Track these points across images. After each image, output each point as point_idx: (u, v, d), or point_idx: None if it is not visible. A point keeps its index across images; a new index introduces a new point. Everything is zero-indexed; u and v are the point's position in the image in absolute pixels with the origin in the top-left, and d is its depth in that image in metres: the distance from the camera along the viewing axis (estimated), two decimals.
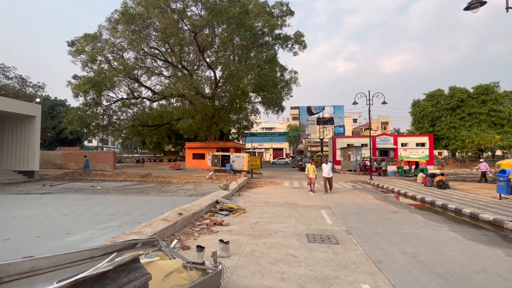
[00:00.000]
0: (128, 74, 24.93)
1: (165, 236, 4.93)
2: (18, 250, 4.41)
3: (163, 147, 46.93)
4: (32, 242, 4.89)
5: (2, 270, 1.96)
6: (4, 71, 34.25)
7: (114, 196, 10.82)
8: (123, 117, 29.71)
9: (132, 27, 21.69)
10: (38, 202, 9.34)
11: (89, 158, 26.56)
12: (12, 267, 2.05)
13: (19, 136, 18.44)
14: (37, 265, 2.20)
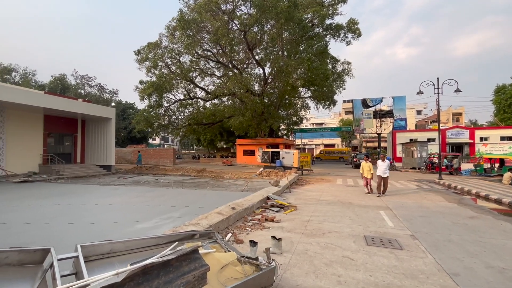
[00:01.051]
0: (185, 77, 26.90)
1: (219, 229, 5.15)
2: (100, 233, 5.15)
3: (216, 144, 49.52)
4: (110, 227, 5.66)
5: (89, 250, 2.28)
6: (87, 81, 40.60)
7: (175, 189, 11.83)
8: (181, 116, 32.23)
9: (187, 32, 23.24)
10: (114, 192, 10.80)
11: (154, 154, 29.63)
12: (96, 248, 2.36)
13: (99, 136, 21.63)
14: (115, 248, 2.51)
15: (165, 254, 2.19)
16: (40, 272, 1.99)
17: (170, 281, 1.79)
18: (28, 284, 1.90)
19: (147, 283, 1.66)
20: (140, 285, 1.62)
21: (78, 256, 2.12)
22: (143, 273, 1.65)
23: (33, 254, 2.01)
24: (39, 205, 7.88)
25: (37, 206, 7.81)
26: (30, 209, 7.40)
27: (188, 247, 2.16)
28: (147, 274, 1.68)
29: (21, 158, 17.33)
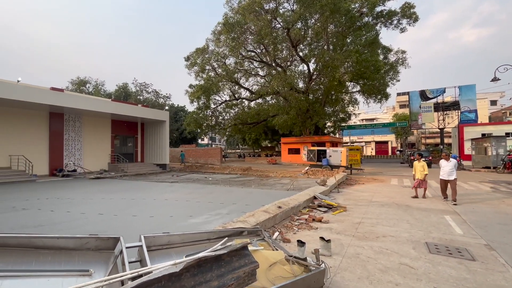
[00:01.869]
0: (230, 78, 27.85)
1: (266, 227, 5.19)
2: (158, 226, 5.65)
3: (260, 143, 50.19)
4: (166, 220, 6.16)
5: (150, 241, 2.51)
6: (145, 88, 45.02)
7: (222, 186, 12.34)
8: (227, 117, 33.48)
9: (232, 35, 24.00)
10: (169, 189, 11.75)
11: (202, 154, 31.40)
12: (157, 239, 2.59)
13: (155, 137, 23.80)
14: (172, 240, 2.71)
15: (217, 248, 2.29)
16: (112, 257, 2.27)
17: (222, 275, 1.85)
18: (103, 267, 2.18)
19: (201, 275, 1.75)
20: (195, 276, 1.72)
21: (142, 246, 2.36)
22: (198, 265, 1.75)
23: (106, 241, 2.30)
24: (109, 199, 9.02)
25: (107, 199, 8.96)
26: (102, 202, 8.52)
27: (237, 244, 2.22)
28: (201, 266, 1.77)
29: (94, 158, 20.10)
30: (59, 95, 16.52)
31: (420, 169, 8.97)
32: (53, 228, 5.49)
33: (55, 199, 8.95)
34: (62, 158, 18.05)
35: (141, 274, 1.87)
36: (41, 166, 16.82)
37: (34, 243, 1.97)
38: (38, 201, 8.48)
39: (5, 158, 15.41)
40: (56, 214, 6.77)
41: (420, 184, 8.92)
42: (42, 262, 1.98)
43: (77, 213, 6.84)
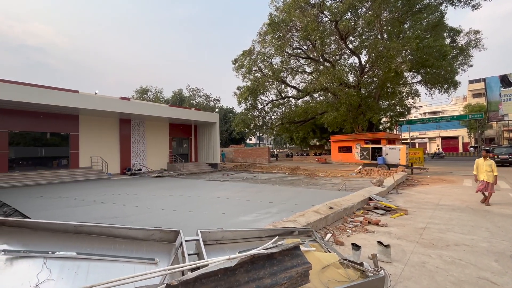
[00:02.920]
0: (276, 78, 27.85)
1: (317, 228, 5.03)
2: (212, 222, 5.97)
3: (308, 142, 49.02)
4: (219, 217, 6.47)
5: (206, 236, 2.66)
6: (197, 92, 48.16)
7: (271, 185, 12.42)
8: (274, 116, 33.59)
9: (277, 34, 23.96)
10: (221, 187, 12.32)
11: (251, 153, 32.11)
12: (212, 235, 2.74)
13: (207, 138, 25.24)
14: (225, 236, 2.83)
15: (268, 247, 2.30)
16: (174, 249, 2.47)
17: (274, 273, 1.85)
18: (166, 257, 2.40)
19: (255, 271, 1.78)
20: (249, 272, 1.76)
21: (199, 240, 2.52)
22: (251, 262, 1.78)
23: (168, 234, 2.52)
24: (168, 195, 9.90)
25: (167, 196, 9.84)
26: (163, 198, 9.40)
27: (289, 243, 2.20)
28: (254, 263, 1.80)
29: (155, 158, 22.31)
30: (126, 103, 18.84)
31: (486, 168, 7.34)
32: (125, 220, 6.26)
33: (125, 194, 10.21)
34: (130, 159, 20.51)
35: (198, 266, 1.99)
36: (114, 165, 19.39)
37: (112, 232, 2.28)
38: (112, 196, 9.80)
39: (87, 159, 18.21)
40: (126, 208, 7.72)
41: (485, 188, 7.32)
42: (118, 249, 2.27)
43: (143, 208, 7.68)
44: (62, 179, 15.25)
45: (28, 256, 1.85)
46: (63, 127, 17.25)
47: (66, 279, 1.86)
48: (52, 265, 1.88)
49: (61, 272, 1.88)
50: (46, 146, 16.92)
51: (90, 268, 2.00)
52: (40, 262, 1.86)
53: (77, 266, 1.96)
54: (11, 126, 15.25)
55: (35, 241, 2.00)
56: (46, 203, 8.61)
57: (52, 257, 1.92)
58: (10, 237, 1.93)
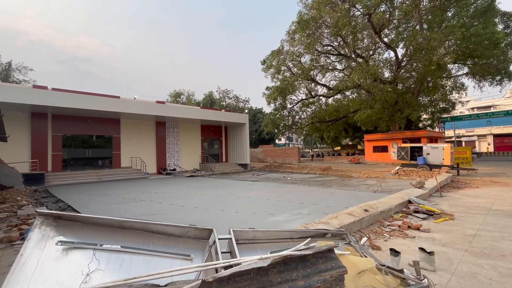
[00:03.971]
0: (306, 76, 27.34)
1: (351, 231, 4.83)
2: (243, 221, 6.04)
3: (340, 141, 47.34)
4: (250, 217, 6.53)
5: (238, 235, 2.70)
6: (227, 94, 49.21)
7: (301, 186, 12.22)
8: (304, 116, 33.02)
9: (307, 32, 23.52)
10: (251, 187, 12.43)
11: (280, 153, 31.92)
12: (243, 234, 2.77)
13: (237, 139, 25.65)
14: (257, 236, 2.85)
15: (301, 248, 2.26)
16: (207, 246, 2.55)
17: (308, 276, 1.82)
18: (200, 254, 2.48)
19: (287, 272, 1.76)
20: (282, 273, 1.74)
21: (231, 239, 2.57)
22: (283, 263, 1.77)
23: (202, 232, 2.60)
24: (201, 194, 10.25)
25: (200, 195, 10.19)
26: (196, 197, 9.75)
27: (322, 245, 2.14)
28: (287, 264, 1.78)
29: (188, 159, 23.24)
30: (162, 107, 19.94)
31: None
32: (162, 217, 6.61)
33: (162, 193, 10.79)
34: (165, 159, 21.63)
35: (231, 265, 2.03)
36: (151, 165, 20.61)
37: (151, 228, 2.42)
38: (150, 194, 10.42)
39: (128, 159, 19.59)
40: (163, 206, 8.15)
41: None
42: (156, 245, 2.41)
43: (178, 206, 8.05)
44: (106, 177, 16.61)
45: (80, 247, 2.05)
46: (107, 130, 18.78)
47: (112, 270, 2.02)
48: (100, 256, 2.05)
49: (108, 263, 2.04)
50: (92, 148, 18.59)
51: (133, 261, 2.14)
52: (90, 253, 2.04)
53: (121, 259, 2.12)
54: (64, 130, 17.01)
55: (85, 234, 2.20)
56: (94, 200, 9.44)
57: (100, 249, 2.10)
58: (65, 229, 2.15)
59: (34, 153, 15.65)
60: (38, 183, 13.83)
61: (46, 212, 2.15)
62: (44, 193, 11.47)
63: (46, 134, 16.25)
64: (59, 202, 9.18)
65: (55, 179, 14.96)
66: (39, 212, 2.14)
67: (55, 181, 14.75)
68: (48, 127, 16.35)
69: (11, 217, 6.65)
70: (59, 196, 10.30)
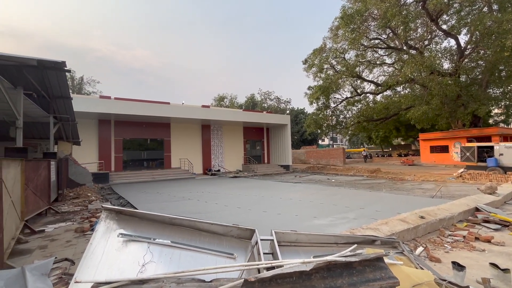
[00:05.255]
0: (351, 73, 25.99)
1: (405, 240, 4.42)
2: (285, 223, 5.99)
3: (390, 141, 43.82)
4: (292, 219, 6.44)
5: (280, 236, 2.69)
6: (268, 96, 49.52)
7: (347, 189, 11.62)
8: (349, 115, 31.40)
9: (351, 26, 22.36)
10: (293, 188, 12.27)
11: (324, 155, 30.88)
12: (285, 236, 2.75)
13: (278, 140, 25.60)
14: (299, 239, 2.80)
15: (346, 254, 2.15)
16: (250, 247, 2.59)
17: (353, 284, 1.71)
18: (243, 253, 2.53)
19: (331, 279, 1.69)
20: (325, 279, 1.68)
21: (273, 240, 2.57)
22: (327, 268, 1.70)
23: (245, 232, 2.65)
24: (244, 195, 10.47)
25: (243, 195, 10.42)
26: (239, 197, 10.01)
27: (370, 253, 2.00)
28: (331, 270, 1.71)
29: (231, 160, 23.98)
30: (207, 110, 21.00)
31: None
32: (207, 216, 6.94)
33: (207, 193, 11.33)
34: (210, 160, 22.69)
35: (273, 266, 2.02)
36: (198, 166, 21.81)
37: (197, 226, 2.56)
38: (196, 194, 11.03)
39: (177, 160, 21.06)
40: (208, 205, 8.56)
41: None
42: (202, 242, 2.53)
43: (222, 205, 8.36)
44: (159, 177, 18.12)
45: (137, 240, 2.26)
46: (159, 133, 20.50)
47: (163, 263, 2.19)
48: (154, 249, 2.24)
49: (160, 256, 2.22)
50: (147, 150, 20.48)
51: (181, 255, 2.29)
52: (145, 246, 2.25)
53: (171, 253, 2.28)
54: (124, 134, 19.07)
55: (141, 228, 2.43)
56: (148, 197, 10.38)
57: (153, 243, 2.29)
58: (125, 223, 2.40)
59: (100, 155, 17.89)
60: (103, 181, 15.74)
61: (110, 208, 2.43)
62: (108, 190, 13.02)
63: (110, 138, 18.43)
64: (120, 198, 10.31)
65: (117, 178, 16.86)
66: (104, 207, 2.44)
67: (117, 179, 16.61)
68: (111, 132, 18.54)
69: (83, 211, 7.70)
70: (120, 193, 11.58)
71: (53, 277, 2.35)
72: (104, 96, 18.72)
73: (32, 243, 4.75)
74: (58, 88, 7.59)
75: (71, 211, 7.61)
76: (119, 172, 18.19)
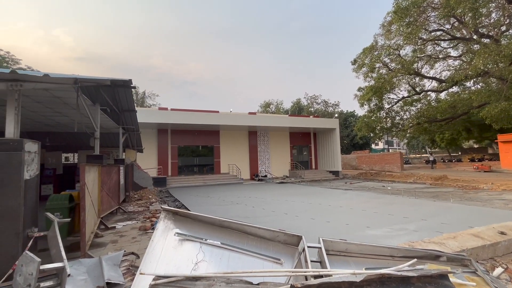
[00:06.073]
0: (407, 71, 23.74)
1: (479, 258, 3.82)
2: (334, 231, 5.73)
3: (459, 144, 38.40)
4: (342, 228, 6.12)
5: (328, 245, 2.60)
6: (315, 100, 48.35)
7: (405, 198, 10.55)
8: (406, 116, 28.61)
9: (406, 20, 20.57)
10: (343, 196, 11.66)
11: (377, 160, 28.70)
12: (334, 244, 2.65)
13: (326, 145, 24.69)
14: (349, 248, 2.66)
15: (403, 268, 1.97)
16: (297, 253, 2.57)
17: None
18: (290, 259, 2.52)
19: None
20: None
21: (321, 248, 2.50)
22: (380, 282, 1.59)
23: (291, 238, 2.64)
24: (291, 201, 10.35)
25: (290, 201, 10.31)
26: (285, 203, 9.93)
27: (432, 269, 1.79)
28: (384, 284, 1.59)
29: (278, 165, 23.97)
30: (253, 117, 21.52)
31: None
32: (255, 220, 7.06)
33: (255, 198, 11.52)
34: (257, 166, 23.07)
35: (321, 275, 1.97)
36: (245, 172, 22.38)
37: (245, 229, 2.65)
38: (244, 199, 11.31)
39: (226, 166, 21.96)
40: (256, 210, 8.70)
41: None
42: (249, 245, 2.61)
43: (269, 211, 8.41)
44: (209, 182, 19.13)
45: (191, 239, 2.45)
46: (209, 140, 21.73)
47: (214, 262, 2.32)
48: (205, 249, 2.39)
49: (211, 256, 2.36)
50: (199, 156, 21.89)
51: (230, 257, 2.40)
52: (197, 245, 2.42)
53: (221, 254, 2.41)
54: (179, 142, 20.75)
55: (194, 229, 2.62)
56: (200, 201, 11.04)
57: (204, 243, 2.45)
58: (180, 223, 2.62)
59: (159, 161, 19.76)
60: (161, 185, 17.31)
61: (168, 209, 2.69)
62: (166, 193, 14.25)
63: (167, 146, 20.25)
64: (176, 201, 11.20)
65: (173, 182, 18.38)
66: (163, 208, 2.71)
67: (173, 183, 18.10)
68: (168, 140, 20.37)
69: (145, 211, 8.59)
70: (176, 196, 12.58)
71: (123, 267, 2.69)
72: (162, 108, 20.76)
73: (106, 238, 5.50)
74: (126, 102, 8.71)
75: (136, 211, 8.56)
76: (174, 176, 19.80)
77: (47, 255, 3.00)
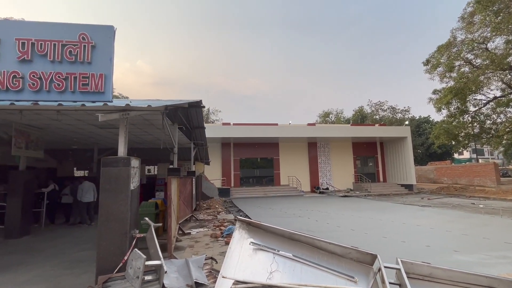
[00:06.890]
0: (499, 66, 20.03)
1: None
2: (411, 253, 5.15)
3: None
4: (421, 250, 5.45)
5: (408, 267, 2.42)
6: (380, 106, 44.63)
7: (505, 218, 8.73)
8: (500, 119, 23.84)
9: (494, 8, 17.62)
10: (420, 213, 10.32)
11: (463, 172, 24.55)
12: (415, 267, 2.45)
13: (396, 155, 22.35)
14: (434, 273, 2.42)
15: None
16: (371, 273, 2.46)
17: None
18: (364, 278, 2.43)
19: None
20: None
21: (400, 269, 2.34)
22: None
23: (365, 256, 2.55)
24: (357, 217, 9.70)
25: (356, 217, 9.67)
26: (351, 218, 9.35)
27: None
28: None
29: (340, 178, 22.73)
30: (312, 128, 21.18)
31: None
32: (320, 235, 6.85)
33: (317, 211, 11.20)
34: (318, 178, 22.36)
35: None
36: (305, 184, 21.93)
37: (315, 243, 2.68)
38: (306, 212, 11.10)
39: (286, 178, 21.96)
40: (319, 224, 8.46)
41: None
42: (320, 260, 2.62)
43: (334, 226, 8.07)
44: (270, 193, 19.41)
45: (264, 249, 2.62)
46: (269, 153, 22.20)
47: (287, 273, 2.42)
48: (278, 260, 2.53)
49: (284, 267, 2.47)
50: (259, 168, 22.52)
51: (303, 269, 2.47)
52: (271, 256, 2.57)
53: (294, 266, 2.50)
54: (241, 154, 21.82)
55: (266, 239, 2.79)
56: (263, 212, 11.31)
57: (277, 254, 2.58)
58: (253, 233, 2.83)
59: (223, 173, 21.09)
60: (226, 195, 18.36)
61: (242, 219, 2.94)
62: (230, 204, 15.05)
63: (230, 158, 21.52)
64: (240, 211, 11.73)
65: (235, 193, 19.30)
66: (238, 219, 2.97)
67: (236, 194, 19.00)
68: (231, 153, 21.64)
69: (214, 220, 9.28)
70: (239, 206, 13.18)
71: (205, 270, 3.03)
72: (225, 123, 22.31)
73: (183, 242, 6.17)
74: (197, 120, 9.76)
75: (206, 219, 9.33)
76: (237, 187, 20.78)
77: (145, 253, 3.60)
